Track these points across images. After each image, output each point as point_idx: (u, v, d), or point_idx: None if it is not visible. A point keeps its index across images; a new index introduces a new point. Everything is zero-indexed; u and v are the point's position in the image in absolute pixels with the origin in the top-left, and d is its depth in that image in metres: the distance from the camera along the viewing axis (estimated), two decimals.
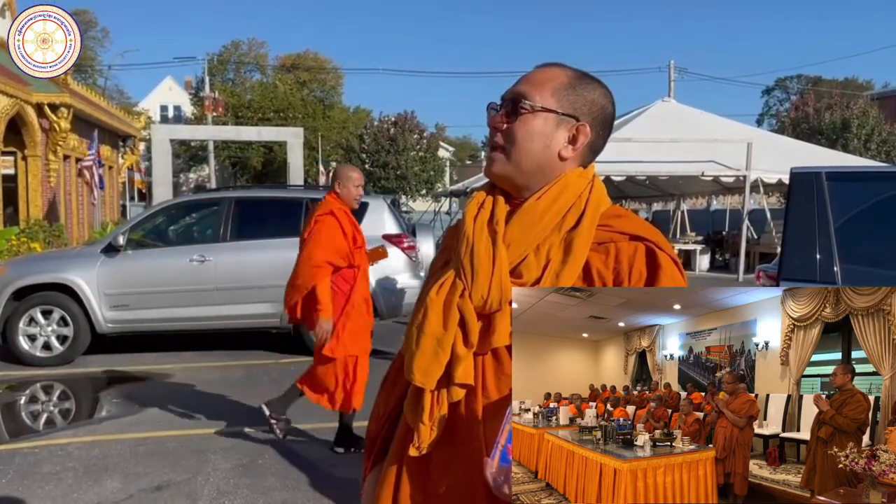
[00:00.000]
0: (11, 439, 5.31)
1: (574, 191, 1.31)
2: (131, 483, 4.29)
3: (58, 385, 6.85)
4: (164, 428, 5.36)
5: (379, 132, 35.38)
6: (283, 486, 4.24)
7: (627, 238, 1.29)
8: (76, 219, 18.99)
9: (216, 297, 7.60)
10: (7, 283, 7.35)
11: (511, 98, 1.32)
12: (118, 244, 7.54)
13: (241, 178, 42.66)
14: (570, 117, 1.31)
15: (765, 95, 58.00)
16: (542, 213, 1.29)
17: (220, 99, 37.24)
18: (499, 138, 1.32)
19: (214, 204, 8.15)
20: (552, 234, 1.28)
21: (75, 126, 17.09)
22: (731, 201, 24.06)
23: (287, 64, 47.64)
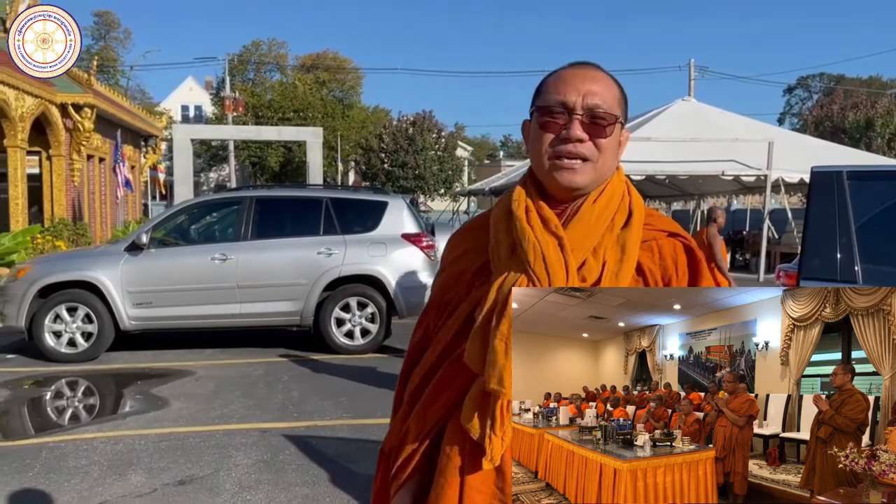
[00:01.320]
0: (38, 434, 5.41)
1: (619, 192, 1.35)
2: (155, 477, 4.36)
3: (82, 381, 6.96)
4: (186, 424, 5.44)
5: (398, 132, 35.46)
6: (304, 482, 4.29)
7: (666, 235, 1.34)
8: (99, 217, 19.24)
9: (237, 295, 7.69)
10: (33, 281, 7.48)
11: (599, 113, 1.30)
12: (141, 243, 7.64)
13: (261, 178, 42.96)
14: (622, 125, 1.35)
15: (786, 94, 57.41)
16: (598, 217, 1.31)
17: (240, 99, 37.52)
18: (586, 150, 1.29)
19: (235, 203, 8.24)
20: (606, 236, 1.31)
21: (98, 126, 17.31)
22: (751, 201, 23.85)
23: (307, 64, 47.89)
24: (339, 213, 8.03)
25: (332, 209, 8.03)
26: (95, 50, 47.21)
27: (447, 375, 1.36)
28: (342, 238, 7.90)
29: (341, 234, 7.94)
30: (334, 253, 7.83)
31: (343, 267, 7.81)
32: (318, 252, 7.83)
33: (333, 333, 7.89)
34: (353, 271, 7.84)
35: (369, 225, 8.03)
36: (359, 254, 7.85)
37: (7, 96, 13.47)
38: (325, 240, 7.89)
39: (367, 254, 7.86)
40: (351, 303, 7.89)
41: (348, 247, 7.85)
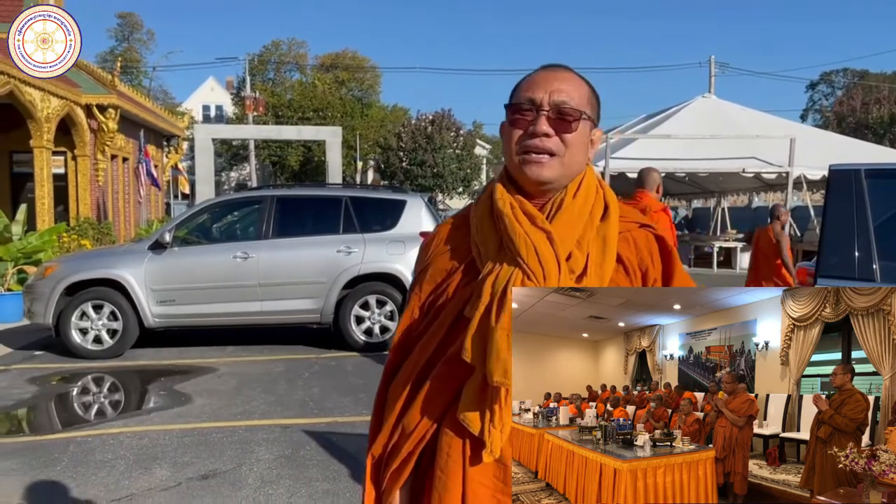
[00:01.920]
0: (65, 428, 5.53)
1: (593, 187, 1.40)
2: (179, 471, 4.45)
3: (108, 377, 7.09)
4: (209, 419, 5.53)
5: (416, 130, 35.53)
6: (325, 477, 4.36)
7: (637, 227, 1.41)
8: (123, 216, 19.51)
9: (258, 293, 7.79)
10: (60, 279, 7.63)
11: (566, 108, 1.35)
12: (164, 241, 7.77)
13: (281, 177, 43.26)
14: (592, 122, 1.41)
15: (809, 90, 56.67)
16: (579, 211, 1.36)
17: (260, 98, 37.81)
18: (551, 144, 1.34)
19: (256, 202, 8.35)
20: (587, 229, 1.36)
21: (122, 126, 17.55)
22: (773, 198, 23.61)
23: (326, 63, 48.12)
24: (358, 211, 8.10)
25: (351, 208, 8.11)
26: (119, 51, 47.79)
27: (443, 374, 1.36)
28: (361, 237, 7.98)
29: (360, 232, 8.01)
30: (354, 251, 7.90)
31: (362, 265, 7.88)
32: (337, 250, 7.91)
33: (353, 331, 7.97)
34: (372, 269, 7.90)
35: (388, 223, 8.09)
36: (378, 252, 7.92)
37: (33, 98, 13.71)
38: (345, 238, 7.97)
39: (386, 252, 7.92)
40: (370, 300, 7.96)
41: (367, 245, 7.92)
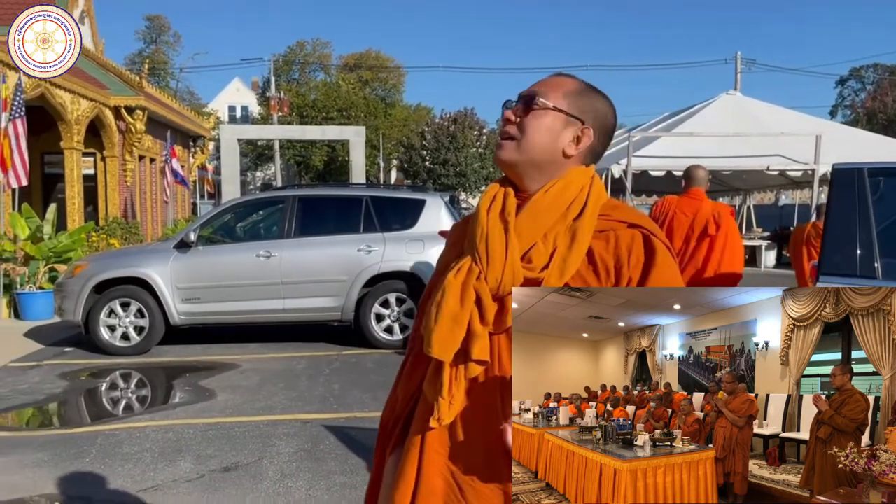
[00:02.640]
0: (94, 422, 5.71)
1: (577, 185, 1.44)
2: (202, 464, 4.58)
3: (135, 373, 7.28)
4: (231, 414, 5.67)
5: (439, 129, 35.62)
6: (343, 471, 4.46)
7: (626, 226, 1.42)
8: (150, 216, 19.87)
9: (281, 291, 7.93)
10: (89, 278, 7.84)
11: (526, 95, 1.47)
12: (190, 240, 7.94)
13: (305, 177, 43.61)
14: (577, 119, 1.46)
15: (838, 86, 55.78)
16: (549, 205, 1.42)
17: (285, 99, 38.15)
18: (511, 129, 1.46)
19: (279, 202, 8.49)
20: (558, 223, 1.41)
21: (149, 127, 17.88)
22: (800, 196, 23.33)
23: (350, 63, 48.42)
24: (378, 211, 8.21)
25: (371, 207, 8.22)
26: (147, 53, 48.53)
27: (420, 351, 1.50)
28: (381, 236, 8.08)
29: (381, 231, 8.11)
30: (374, 250, 8.01)
31: (382, 264, 7.99)
32: (358, 249, 8.03)
33: (373, 328, 8.07)
34: (392, 268, 8.00)
35: (408, 222, 8.19)
36: (398, 251, 8.02)
37: (63, 100, 14.04)
38: (365, 237, 8.08)
39: (406, 251, 8.02)
40: (390, 298, 8.06)
41: (387, 244, 8.02)
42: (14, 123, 10.46)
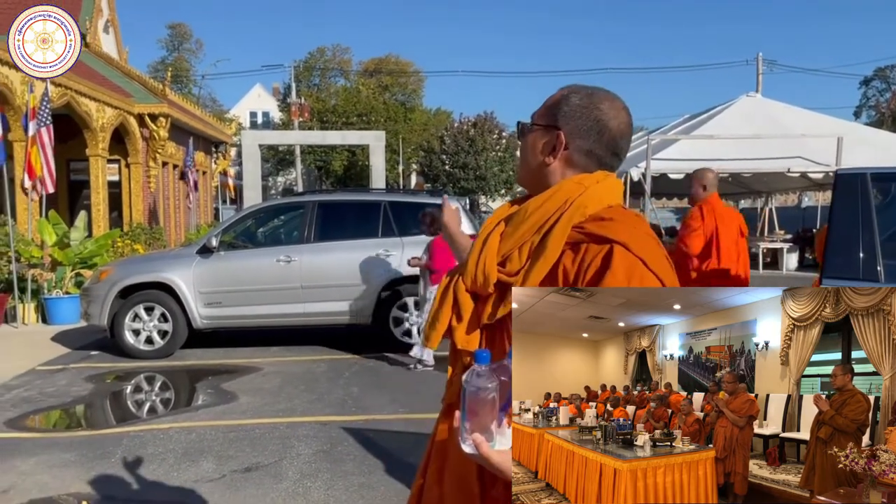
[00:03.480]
0: (119, 424, 5.84)
1: (563, 196, 1.45)
2: (224, 464, 4.68)
3: (159, 376, 7.42)
4: (253, 416, 5.77)
5: (458, 133, 35.72)
6: (360, 472, 4.54)
7: (596, 240, 1.41)
8: (173, 221, 20.15)
9: (301, 295, 8.04)
10: (115, 282, 8.01)
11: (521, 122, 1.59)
12: (212, 246, 8.09)
13: (326, 182, 43.92)
14: (552, 128, 1.50)
15: (862, 86, 55.09)
16: (528, 215, 1.47)
17: (306, 104, 38.47)
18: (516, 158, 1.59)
19: (299, 207, 8.62)
20: (534, 236, 1.46)
21: (172, 134, 18.15)
22: (823, 198, 23.10)
23: (370, 69, 48.72)
24: (396, 215, 8.30)
25: (389, 212, 8.31)
26: (170, 61, 49.19)
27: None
28: (400, 240, 8.17)
29: (399, 235, 8.20)
30: (392, 254, 8.10)
31: (401, 267, 8.07)
32: (377, 253, 8.12)
33: (392, 332, 8.16)
34: (410, 272, 8.08)
35: None
36: (416, 254, 8.09)
37: (89, 108, 14.32)
38: (384, 242, 8.17)
39: (424, 255, 8.08)
40: (409, 302, 8.14)
41: (406, 248, 8.11)
42: (40, 132, 10.70)
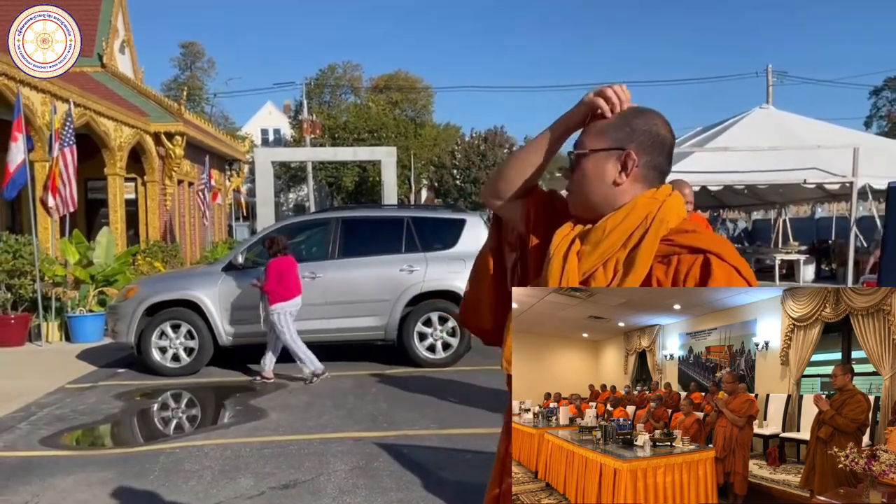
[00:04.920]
0: (153, 441, 5.87)
1: (642, 212, 1.49)
2: (262, 481, 4.70)
3: (187, 393, 7.46)
4: (284, 433, 5.80)
5: (469, 148, 35.86)
6: (398, 487, 4.55)
7: (688, 252, 1.46)
8: (189, 239, 20.27)
9: (325, 311, 8.08)
10: (141, 300, 8.07)
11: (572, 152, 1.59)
12: (237, 263, 8.15)
13: (337, 198, 44.10)
14: (616, 149, 1.53)
15: (872, 97, 54.99)
16: (608, 233, 1.49)
17: (317, 121, 38.72)
18: (568, 185, 1.59)
19: (322, 224, 8.68)
20: (618, 252, 1.48)
21: (187, 152, 18.31)
22: (836, 209, 23.02)
23: (380, 85, 49.03)
24: (419, 231, 8.36)
25: (413, 228, 8.36)
26: (182, 79, 49.64)
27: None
28: (423, 255, 8.21)
29: (422, 251, 8.25)
30: (416, 269, 8.14)
31: (424, 283, 8.11)
32: (400, 269, 8.16)
33: (416, 347, 8.18)
34: (434, 287, 8.12)
35: (449, 242, 8.32)
36: (439, 270, 8.14)
37: (107, 128, 14.48)
38: (407, 257, 8.22)
39: (448, 270, 8.13)
40: (432, 317, 8.18)
41: (429, 263, 8.15)
42: (63, 152, 10.82)
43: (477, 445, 5.33)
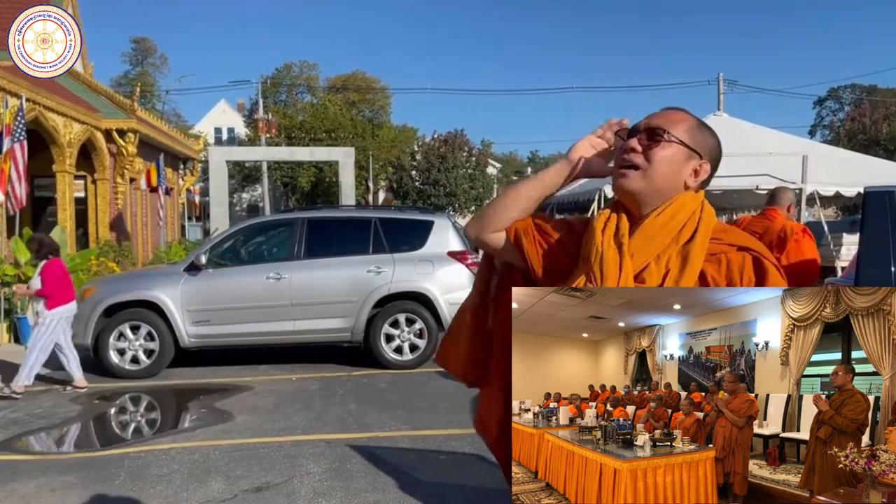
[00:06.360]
0: (116, 444, 5.70)
1: (688, 209, 1.52)
2: (233, 484, 4.61)
3: (148, 396, 7.27)
4: (254, 435, 5.70)
5: (430, 150, 35.89)
6: (374, 489, 4.51)
7: (735, 249, 1.49)
8: (140, 238, 19.77)
9: (291, 312, 7.97)
10: (98, 301, 7.84)
11: (652, 128, 1.53)
12: (200, 263, 7.98)
13: (292, 198, 43.59)
14: (696, 154, 1.55)
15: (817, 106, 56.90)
16: (660, 228, 1.50)
17: (273, 120, 38.23)
18: (637, 158, 1.52)
19: (288, 224, 8.56)
20: (670, 246, 1.49)
21: (140, 150, 17.87)
22: None
23: (337, 85, 48.66)
24: (387, 232, 8.30)
25: (380, 229, 8.31)
26: (133, 75, 48.44)
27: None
28: (391, 257, 8.17)
29: (390, 252, 8.20)
30: (383, 271, 8.09)
31: (392, 284, 8.07)
32: (367, 270, 8.11)
33: (383, 349, 8.13)
34: (401, 288, 8.08)
35: (416, 243, 8.29)
36: (407, 271, 8.11)
37: (56, 123, 14.03)
38: (375, 258, 8.16)
39: (415, 271, 8.11)
40: (400, 319, 8.14)
41: (396, 265, 8.11)
42: (13, 148, 10.45)
43: (450, 446, 5.32)
